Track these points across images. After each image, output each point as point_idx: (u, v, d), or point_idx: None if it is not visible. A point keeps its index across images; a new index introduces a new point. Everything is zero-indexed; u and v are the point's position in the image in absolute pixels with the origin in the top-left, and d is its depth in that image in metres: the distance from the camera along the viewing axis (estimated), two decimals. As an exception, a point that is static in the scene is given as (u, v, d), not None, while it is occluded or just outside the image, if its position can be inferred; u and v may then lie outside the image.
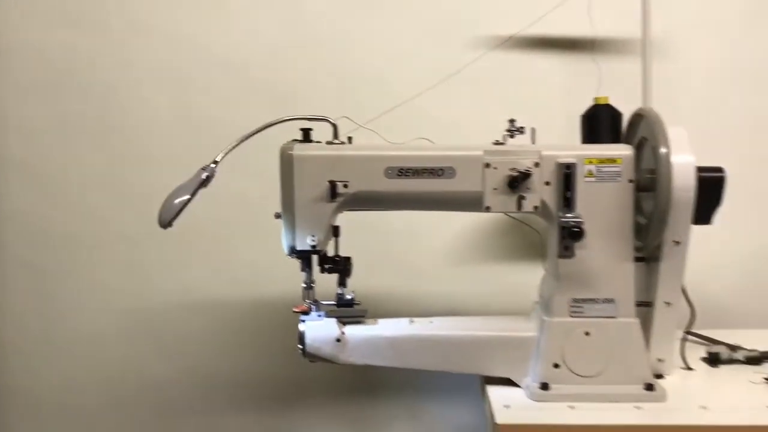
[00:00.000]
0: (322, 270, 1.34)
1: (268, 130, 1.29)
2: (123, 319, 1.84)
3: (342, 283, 1.35)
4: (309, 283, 1.33)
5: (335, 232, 1.34)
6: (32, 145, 1.80)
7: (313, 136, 1.31)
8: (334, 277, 1.34)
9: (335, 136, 1.31)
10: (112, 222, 1.81)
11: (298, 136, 1.30)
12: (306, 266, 1.33)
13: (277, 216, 1.32)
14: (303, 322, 1.31)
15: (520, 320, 1.34)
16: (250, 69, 1.76)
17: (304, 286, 1.33)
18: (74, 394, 1.86)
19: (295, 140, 1.30)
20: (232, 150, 1.28)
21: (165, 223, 1.23)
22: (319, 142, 1.30)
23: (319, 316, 1.32)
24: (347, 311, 1.33)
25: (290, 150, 1.26)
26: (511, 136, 1.28)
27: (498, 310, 1.65)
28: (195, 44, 1.76)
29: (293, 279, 1.58)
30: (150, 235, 1.79)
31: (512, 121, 1.28)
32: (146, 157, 1.79)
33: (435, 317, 1.38)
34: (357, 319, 1.32)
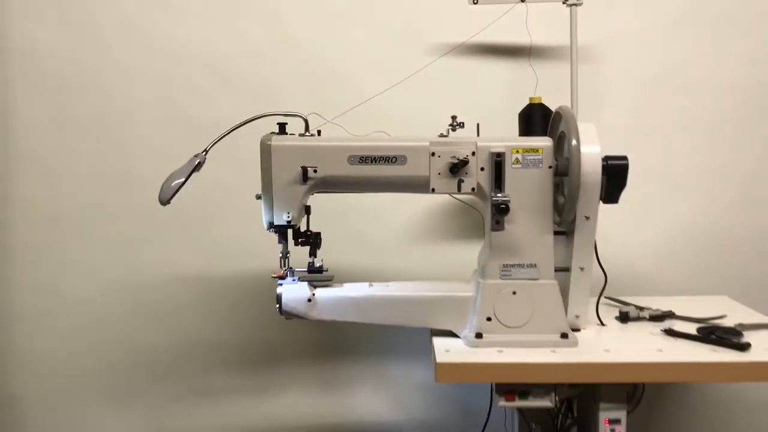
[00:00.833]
0: (295, 243, 1.57)
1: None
2: (116, 291, 2.06)
3: (312, 253, 1.58)
4: (285, 253, 1.57)
5: (307, 210, 1.57)
6: (36, 138, 2.01)
7: (288, 129, 1.54)
8: (305, 248, 1.58)
9: (306, 129, 1.54)
10: (105, 206, 2.03)
11: (274, 129, 1.53)
12: (282, 239, 1.56)
13: (258, 197, 1.55)
14: (280, 285, 1.54)
15: (461, 284, 1.59)
16: (230, 70, 1.99)
17: (281, 255, 1.56)
18: (73, 358, 2.08)
19: (273, 133, 1.54)
20: (219, 140, 1.51)
21: (165, 201, 1.46)
22: (293, 135, 1.53)
23: (294, 280, 1.55)
24: (317, 276, 1.56)
25: (269, 141, 1.50)
26: (453, 130, 1.53)
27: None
28: (180, 47, 1.98)
29: (268, 254, 1.84)
30: (139, 216, 2.04)
31: (454, 117, 1.53)
32: (136, 147, 2.02)
33: (391, 281, 1.63)
34: (325, 283, 1.57)
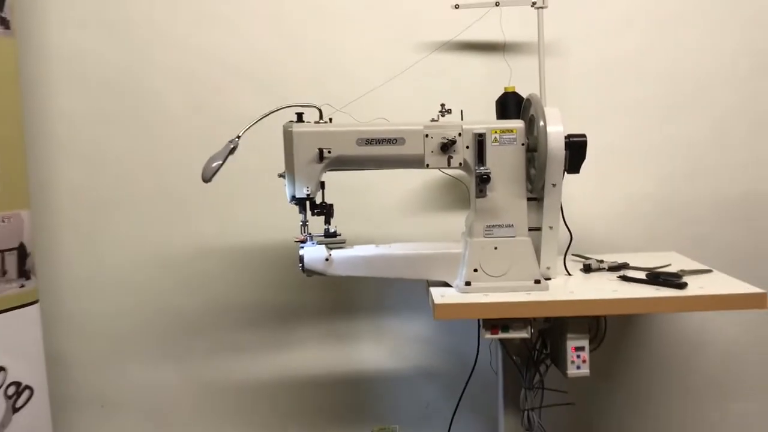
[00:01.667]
0: (312, 213, 1.85)
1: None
2: (151, 261, 2.29)
3: (327, 221, 1.87)
4: (304, 221, 1.84)
5: (322, 186, 1.85)
6: (77, 131, 2.22)
7: (304, 118, 1.83)
8: (321, 218, 1.86)
9: (320, 117, 1.83)
10: (139, 188, 2.26)
11: (291, 119, 1.80)
12: (302, 209, 1.84)
13: (281, 175, 1.83)
14: (302, 248, 1.83)
15: (452, 243, 1.90)
16: (246, 69, 2.22)
17: (301, 223, 1.84)
18: (114, 321, 2.30)
19: (291, 121, 1.84)
20: (250, 128, 1.79)
21: (207, 179, 1.74)
22: (309, 122, 1.82)
23: (313, 243, 1.84)
24: (332, 240, 1.85)
25: (290, 128, 1.79)
26: (442, 115, 1.82)
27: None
28: (203, 49, 2.21)
29: (283, 227, 2.12)
30: (169, 197, 2.27)
31: (442, 105, 1.82)
32: (165, 138, 2.24)
33: (394, 243, 1.94)
34: (339, 246, 1.86)
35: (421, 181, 2.29)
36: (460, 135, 1.79)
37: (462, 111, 1.85)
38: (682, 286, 1.75)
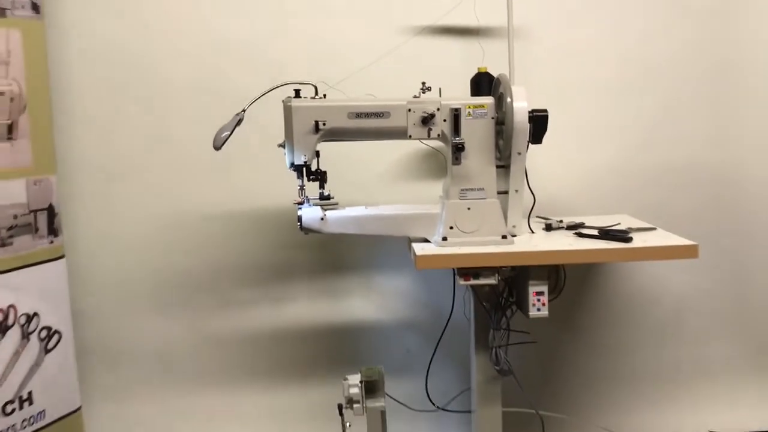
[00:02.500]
0: (309, 179, 2.09)
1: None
2: (161, 223, 2.51)
3: (322, 186, 2.12)
4: (302, 185, 2.08)
5: (317, 154, 2.09)
6: (93, 105, 2.43)
7: (301, 94, 2.05)
8: (317, 183, 2.11)
9: (316, 93, 2.06)
10: (152, 157, 2.48)
11: (289, 95, 2.03)
12: (300, 175, 2.07)
13: (280, 145, 2.07)
14: (299, 209, 2.08)
15: (431, 205, 2.17)
16: (245, 51, 2.45)
17: (299, 187, 2.08)
18: (127, 276, 2.52)
19: (290, 97, 2.07)
20: (253, 102, 2.03)
21: (217, 147, 1.98)
22: (305, 98, 2.05)
23: (309, 205, 2.08)
24: (326, 202, 2.10)
25: (289, 103, 2.02)
26: (423, 92, 2.07)
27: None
28: (207, 32, 2.44)
29: (282, 194, 2.36)
30: (176, 166, 2.49)
31: (423, 83, 2.06)
32: (173, 111, 2.46)
33: (381, 205, 2.21)
34: (333, 207, 2.11)
35: (404, 152, 2.55)
36: (438, 110, 2.05)
37: (440, 89, 2.09)
38: (628, 240, 2.04)
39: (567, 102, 2.52)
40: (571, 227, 2.25)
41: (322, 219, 2.08)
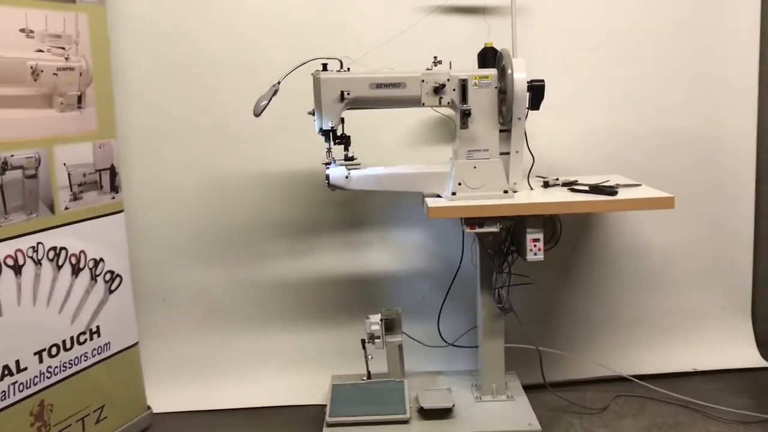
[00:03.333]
0: (335, 142, 2.37)
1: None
2: (203, 184, 2.82)
3: (346, 148, 2.41)
4: (329, 148, 2.38)
5: (342, 121, 2.38)
6: (144, 81, 2.72)
7: (328, 68, 2.35)
8: (341, 146, 2.40)
9: (341, 67, 2.35)
10: (195, 124, 2.77)
11: (317, 69, 2.32)
12: (327, 139, 2.36)
13: (310, 113, 2.37)
14: (327, 168, 2.38)
15: (441, 164, 2.47)
16: (279, 27, 2.73)
17: (327, 149, 2.38)
18: (173, 231, 2.83)
19: (318, 70, 2.35)
20: (288, 75, 2.34)
21: (257, 114, 2.28)
22: (332, 71, 2.34)
23: (335, 165, 2.38)
24: (350, 162, 2.40)
25: (318, 75, 2.32)
26: (435, 65, 2.36)
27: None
28: (246, 12, 2.72)
29: (310, 158, 2.67)
30: (218, 132, 2.78)
31: (435, 57, 2.36)
32: (215, 83, 2.75)
33: (398, 165, 2.51)
34: (356, 167, 2.41)
35: (418, 118, 2.83)
36: (448, 80, 2.34)
37: (450, 62, 2.37)
38: (614, 193, 2.33)
39: (563, 73, 2.78)
40: (566, 184, 2.53)
41: (347, 177, 2.39)
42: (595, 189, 2.40)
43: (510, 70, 2.31)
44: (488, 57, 2.58)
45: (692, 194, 2.92)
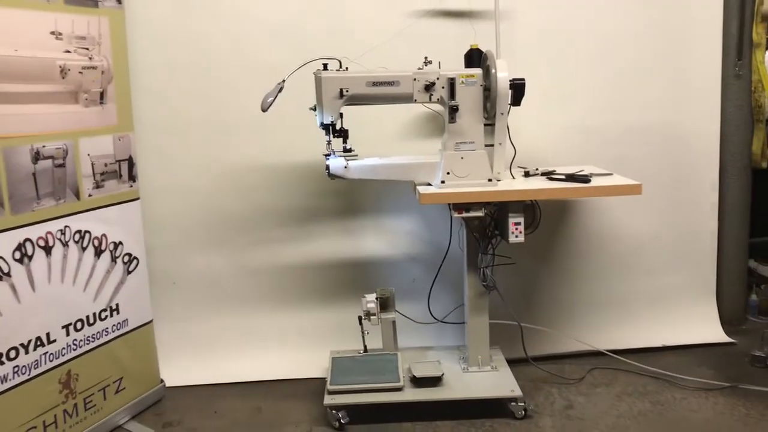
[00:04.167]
0: (334, 135, 2.59)
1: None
2: (210, 174, 3.02)
3: (345, 141, 2.63)
4: (329, 140, 2.61)
5: (341, 116, 2.60)
6: (154, 77, 2.92)
7: (328, 67, 2.57)
8: (340, 139, 2.63)
9: (340, 66, 2.57)
10: (203, 118, 2.97)
11: (318, 68, 2.54)
12: (327, 132, 2.59)
13: (311, 108, 2.60)
14: (327, 159, 2.61)
15: (432, 155, 2.70)
16: (282, 30, 2.94)
17: (327, 142, 2.60)
18: (181, 218, 3.02)
19: (319, 70, 2.58)
20: (293, 74, 2.56)
21: (264, 109, 2.51)
22: (332, 70, 2.57)
23: (335, 156, 2.61)
24: (348, 154, 2.62)
25: (319, 74, 2.54)
26: (426, 65, 2.60)
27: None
28: (249, 16, 2.93)
29: (310, 150, 2.89)
30: (225, 126, 2.99)
31: (426, 57, 2.59)
32: (221, 80, 2.96)
33: (392, 156, 2.75)
34: (353, 158, 2.63)
35: (410, 114, 3.06)
36: (438, 79, 2.57)
37: (440, 62, 2.60)
38: (588, 181, 2.58)
39: (543, 71, 3.01)
40: (544, 174, 2.77)
41: (345, 167, 2.61)
42: (570, 177, 2.64)
43: (494, 70, 2.55)
44: (474, 57, 2.83)
45: (662, 184, 3.18)
